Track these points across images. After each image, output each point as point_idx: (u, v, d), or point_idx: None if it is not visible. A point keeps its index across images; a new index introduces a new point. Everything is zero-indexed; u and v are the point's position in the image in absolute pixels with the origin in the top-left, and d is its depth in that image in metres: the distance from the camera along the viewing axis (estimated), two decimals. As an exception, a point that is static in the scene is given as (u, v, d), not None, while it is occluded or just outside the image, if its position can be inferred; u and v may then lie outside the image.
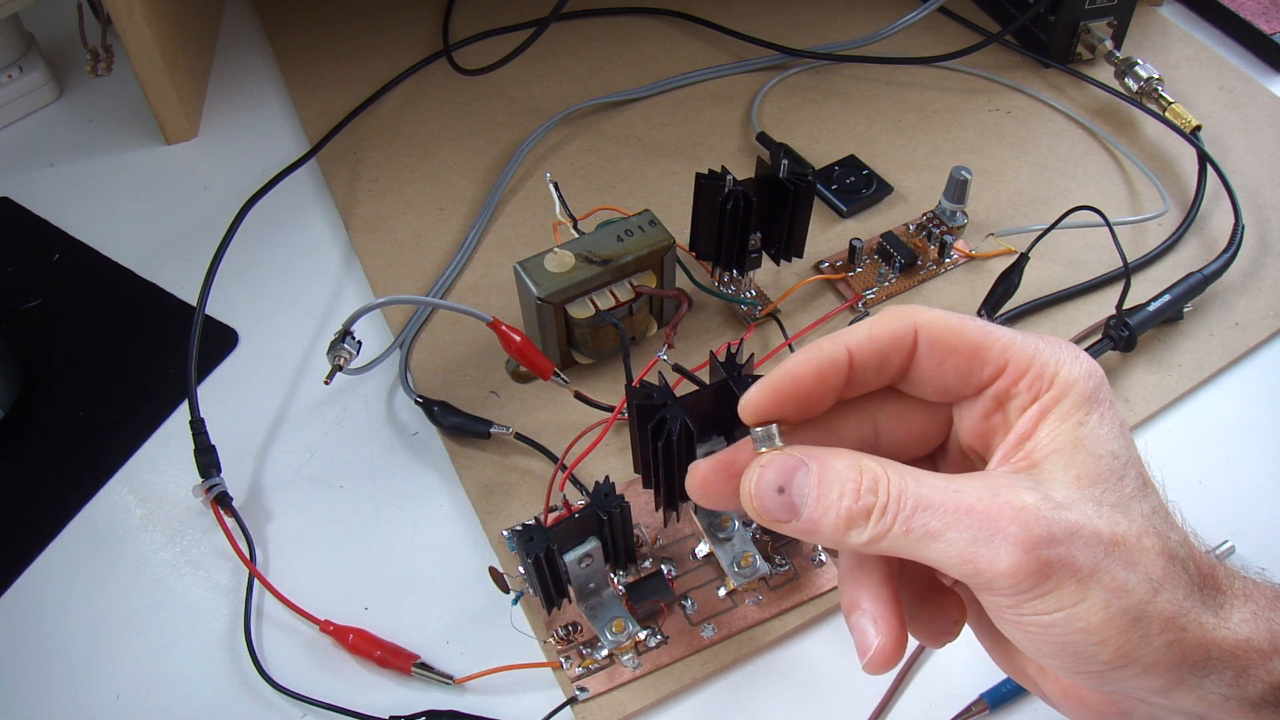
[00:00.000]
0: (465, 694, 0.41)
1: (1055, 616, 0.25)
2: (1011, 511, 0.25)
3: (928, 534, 0.25)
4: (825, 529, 0.26)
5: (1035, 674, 0.30)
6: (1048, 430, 0.27)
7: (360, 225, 0.58)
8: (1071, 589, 0.25)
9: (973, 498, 0.25)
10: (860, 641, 0.28)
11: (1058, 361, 0.27)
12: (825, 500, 0.26)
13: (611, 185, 0.60)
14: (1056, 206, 0.53)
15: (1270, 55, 0.67)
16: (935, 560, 0.26)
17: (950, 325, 0.28)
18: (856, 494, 0.26)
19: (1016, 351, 0.28)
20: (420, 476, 0.47)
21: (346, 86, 0.66)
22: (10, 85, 0.65)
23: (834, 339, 0.28)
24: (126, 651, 0.42)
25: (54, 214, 0.60)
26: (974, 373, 0.28)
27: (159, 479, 0.48)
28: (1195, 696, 0.26)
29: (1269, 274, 0.54)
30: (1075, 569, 0.25)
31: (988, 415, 0.29)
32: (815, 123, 0.63)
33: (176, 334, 0.52)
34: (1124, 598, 0.25)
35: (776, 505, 0.27)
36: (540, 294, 0.45)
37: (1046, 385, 0.27)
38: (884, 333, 0.28)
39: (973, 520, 0.25)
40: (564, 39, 0.69)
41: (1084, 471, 0.26)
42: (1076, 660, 0.26)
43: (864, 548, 0.26)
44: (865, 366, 0.28)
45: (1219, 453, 0.47)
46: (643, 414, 0.36)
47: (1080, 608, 0.25)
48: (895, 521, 0.26)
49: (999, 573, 0.25)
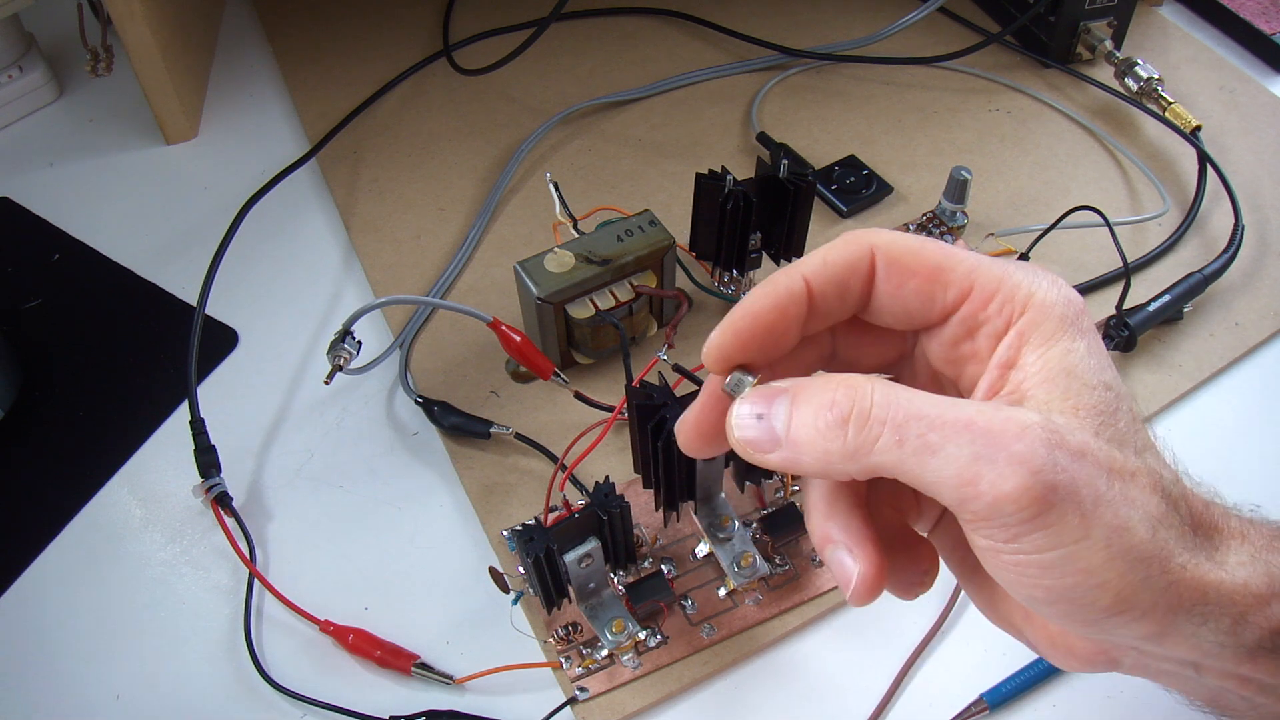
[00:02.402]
0: (465, 694, 0.41)
1: (1053, 555, 0.23)
2: (1016, 428, 0.23)
3: (924, 446, 0.23)
4: (806, 445, 0.25)
5: (1021, 622, 0.28)
6: (1034, 358, 0.25)
7: (360, 225, 0.58)
8: (1074, 522, 0.23)
9: (973, 412, 0.23)
10: (840, 574, 0.27)
11: (1031, 284, 0.26)
12: (802, 415, 0.25)
13: (611, 185, 0.60)
14: (1056, 206, 0.53)
15: (1270, 55, 0.67)
16: (930, 480, 0.24)
17: (909, 246, 0.26)
18: (833, 403, 0.24)
19: (982, 274, 0.26)
20: (420, 476, 0.47)
21: (346, 86, 0.66)
22: (10, 85, 0.65)
23: (789, 270, 0.27)
24: (126, 651, 0.42)
25: (54, 214, 0.60)
26: (936, 296, 0.27)
27: (159, 479, 0.48)
28: (1190, 644, 0.25)
29: (1269, 274, 0.54)
30: (1079, 499, 0.23)
31: (957, 342, 0.27)
32: (815, 123, 0.63)
33: (176, 334, 0.52)
34: (1125, 536, 0.23)
35: (757, 433, 0.25)
36: (540, 294, 0.45)
37: (1019, 309, 0.26)
38: (839, 258, 0.27)
39: (974, 435, 0.23)
40: (564, 39, 0.69)
41: (1080, 403, 0.25)
42: (1073, 607, 0.24)
43: (851, 463, 0.24)
44: (825, 295, 0.27)
45: (1219, 453, 0.47)
46: (643, 414, 0.37)
47: (1081, 546, 0.23)
48: (885, 429, 0.24)
49: (1002, 496, 0.23)
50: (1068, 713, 0.40)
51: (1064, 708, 0.40)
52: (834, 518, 0.27)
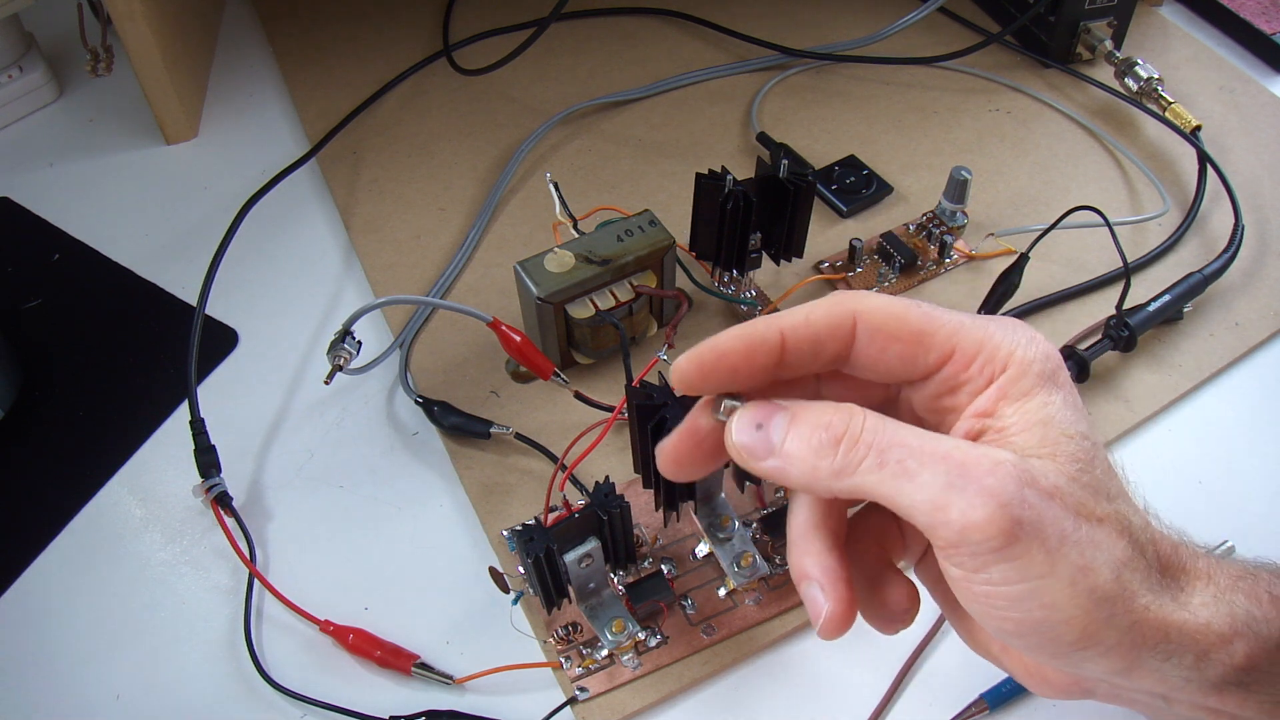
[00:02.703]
0: (465, 694, 0.41)
1: (1019, 589, 0.25)
2: (989, 463, 0.25)
3: (902, 470, 0.25)
4: (797, 459, 0.26)
5: (999, 652, 0.30)
6: (1013, 410, 0.27)
7: (360, 225, 0.58)
8: (1039, 558, 0.24)
9: (950, 446, 0.25)
10: (811, 609, 0.28)
11: (1012, 343, 0.27)
12: (799, 432, 0.27)
13: (611, 185, 0.60)
14: (1056, 206, 0.53)
15: (1270, 55, 0.67)
16: (905, 503, 0.25)
17: (892, 313, 0.28)
18: (828, 425, 0.26)
19: (964, 337, 0.27)
20: (420, 476, 0.47)
21: (346, 86, 0.66)
22: (10, 85, 0.65)
23: (769, 320, 0.28)
24: (126, 651, 0.42)
25: (54, 214, 0.60)
26: (918, 359, 0.28)
27: (159, 479, 0.48)
28: (1155, 678, 0.26)
29: (1269, 274, 0.54)
30: (1044, 536, 0.24)
31: (939, 397, 0.29)
32: (815, 123, 0.63)
33: (176, 334, 0.52)
34: (1089, 576, 0.25)
35: (753, 440, 0.27)
36: (540, 294, 0.45)
37: (1000, 367, 0.27)
38: (821, 319, 0.28)
39: (949, 466, 0.25)
40: (564, 39, 0.69)
41: (1058, 450, 0.26)
42: (1041, 640, 0.26)
43: (835, 480, 0.26)
44: (799, 350, 0.28)
45: (1219, 453, 0.47)
46: (643, 414, 0.37)
47: (1046, 582, 0.25)
48: (869, 451, 0.25)
49: (970, 524, 0.24)
50: (1068, 713, 0.40)
51: (1064, 707, 0.40)
52: (811, 554, 0.29)
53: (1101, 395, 0.49)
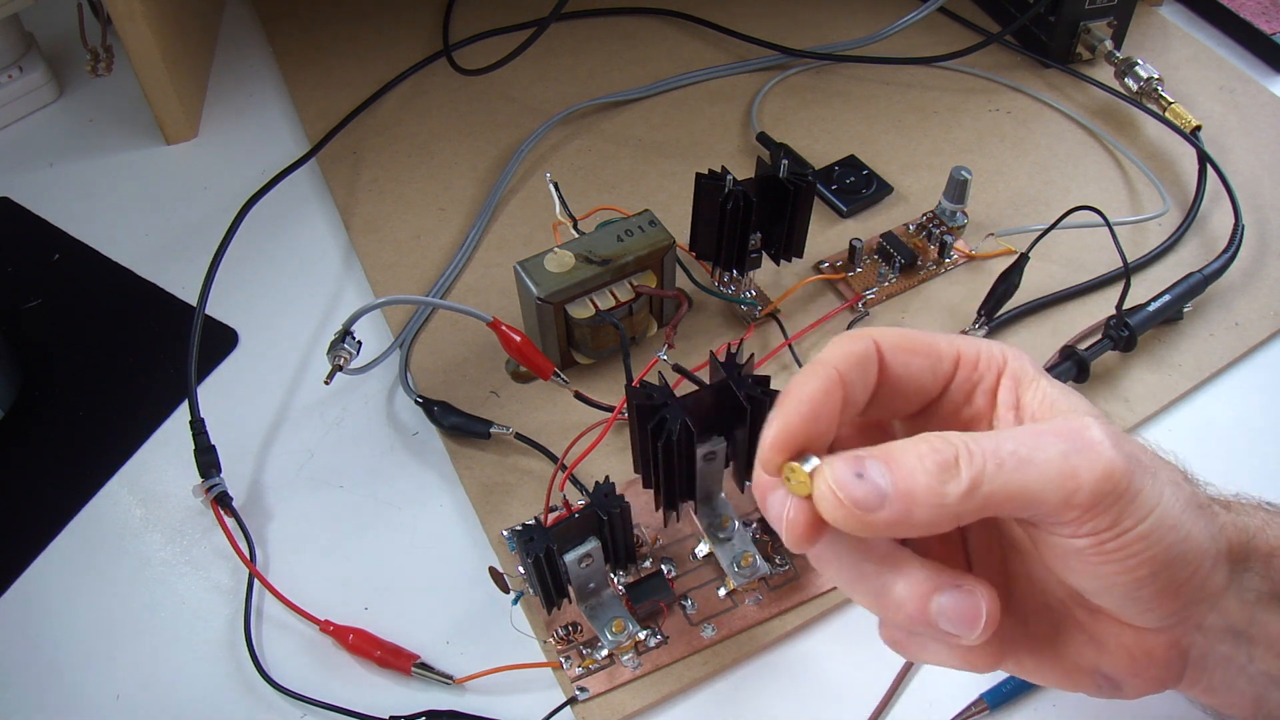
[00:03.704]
0: (465, 694, 0.41)
1: (1149, 523, 0.25)
2: (1079, 424, 0.26)
3: (1020, 460, 0.25)
4: (921, 492, 0.24)
5: (1095, 656, 0.29)
6: (1030, 395, 0.29)
7: (360, 225, 0.58)
8: (1150, 486, 0.25)
9: (1032, 427, 0.26)
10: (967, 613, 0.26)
11: (992, 345, 0.30)
12: (906, 465, 0.25)
13: (611, 185, 0.60)
14: (1056, 206, 0.53)
15: (1270, 55, 0.67)
16: (1037, 488, 0.25)
17: (901, 333, 0.29)
18: (932, 449, 0.25)
19: (961, 343, 0.30)
20: (420, 476, 0.47)
21: (346, 86, 0.66)
22: (10, 85, 0.65)
23: (816, 364, 0.28)
24: (126, 651, 0.42)
25: (54, 214, 0.60)
26: (936, 367, 0.29)
27: (159, 479, 0.48)
28: (1238, 601, 0.28)
29: (1269, 274, 0.54)
30: (1144, 465, 0.26)
31: (958, 409, 0.30)
32: (815, 123, 0.63)
33: (176, 334, 0.52)
34: (1181, 490, 0.27)
35: (864, 492, 0.24)
36: (540, 294, 0.45)
37: (1001, 362, 0.29)
38: (852, 350, 0.28)
39: (1058, 437, 0.25)
40: (564, 39, 0.69)
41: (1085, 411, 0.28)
42: (1172, 571, 0.26)
43: (968, 501, 0.24)
44: (852, 382, 0.28)
45: (1219, 453, 0.47)
46: (643, 414, 0.37)
47: (1163, 505, 0.25)
48: (986, 457, 0.25)
49: (1101, 475, 0.25)
50: (1068, 713, 0.40)
51: (1064, 707, 0.40)
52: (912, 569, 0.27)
53: (1101, 395, 0.49)
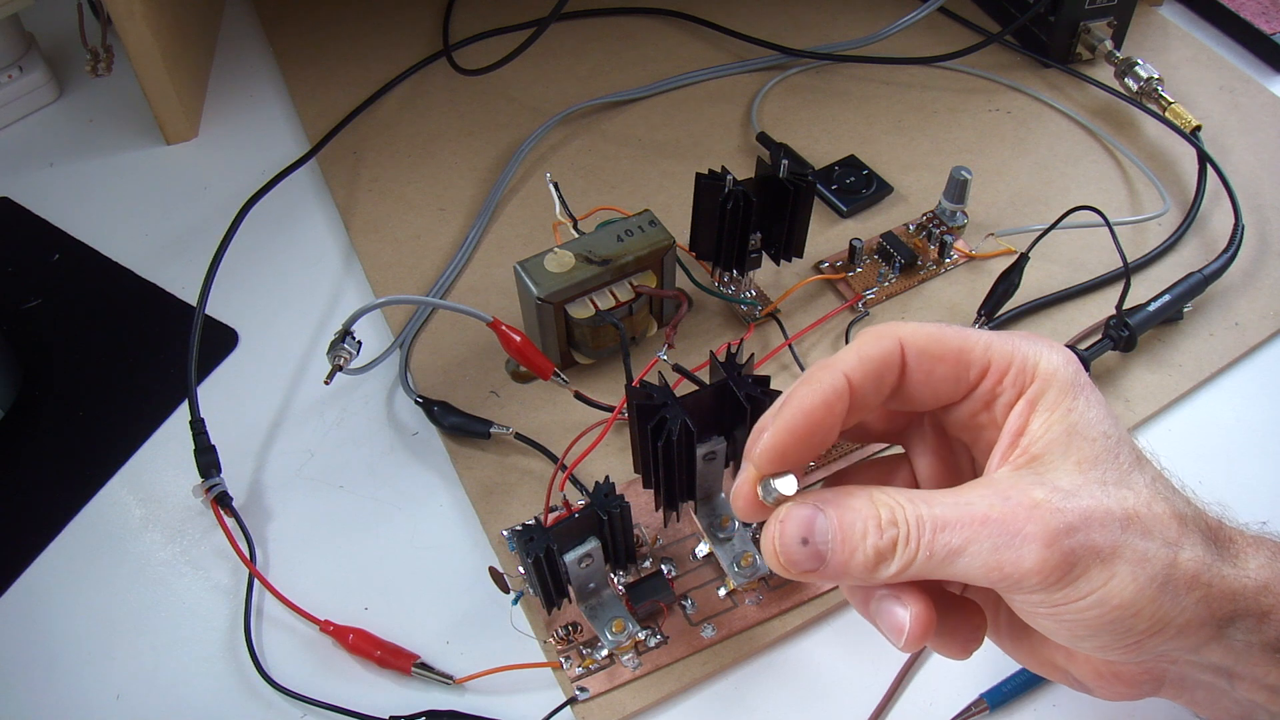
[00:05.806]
0: (465, 694, 0.41)
1: (1089, 601, 0.26)
2: (1025, 511, 0.26)
3: (951, 552, 0.26)
4: (855, 569, 0.27)
5: (1064, 661, 0.30)
6: (1040, 423, 0.28)
7: (360, 225, 0.58)
8: (1098, 571, 0.25)
9: (985, 507, 0.26)
10: (891, 623, 0.28)
11: (1036, 354, 0.28)
12: (850, 542, 0.27)
13: (611, 185, 0.60)
14: (1056, 206, 0.53)
15: (1270, 55, 0.67)
16: (962, 575, 0.26)
17: (931, 334, 0.29)
18: (879, 529, 0.26)
19: (997, 351, 0.28)
20: (420, 476, 0.47)
21: (346, 86, 0.66)
22: (10, 85, 0.65)
23: (826, 368, 0.28)
24: (126, 651, 0.42)
25: (54, 214, 0.60)
26: (962, 377, 0.29)
27: (159, 479, 0.48)
28: (1223, 649, 0.27)
29: (1269, 274, 0.54)
30: (1097, 551, 0.25)
31: (975, 414, 0.29)
32: (815, 123, 0.63)
33: (176, 334, 0.52)
34: (1148, 566, 0.26)
35: (804, 557, 0.27)
36: (540, 294, 0.45)
37: (1029, 379, 0.28)
38: (873, 352, 0.28)
39: (991, 529, 0.26)
40: (564, 39, 0.69)
41: (1083, 456, 0.27)
42: (1114, 637, 0.26)
43: (893, 579, 0.27)
44: (864, 390, 0.28)
45: (1219, 453, 0.47)
46: (643, 414, 0.37)
47: (1111, 586, 0.25)
48: (919, 548, 0.26)
49: (1026, 572, 0.25)
50: (1068, 713, 0.40)
51: (1064, 707, 0.40)
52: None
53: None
